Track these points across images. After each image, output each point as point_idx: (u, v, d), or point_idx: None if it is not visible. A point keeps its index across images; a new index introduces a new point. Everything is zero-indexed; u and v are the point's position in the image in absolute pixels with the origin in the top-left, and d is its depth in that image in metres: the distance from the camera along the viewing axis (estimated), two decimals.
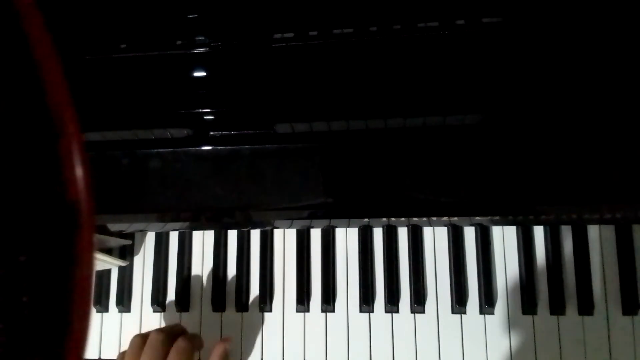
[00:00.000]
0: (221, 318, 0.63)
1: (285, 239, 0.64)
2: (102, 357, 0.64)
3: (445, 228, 0.61)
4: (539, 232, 0.60)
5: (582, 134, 0.46)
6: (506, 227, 0.60)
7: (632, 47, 0.43)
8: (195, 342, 0.58)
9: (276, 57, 0.48)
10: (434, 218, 0.57)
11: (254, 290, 0.63)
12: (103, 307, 0.65)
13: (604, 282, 0.58)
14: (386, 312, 0.60)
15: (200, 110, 0.49)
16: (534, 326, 0.58)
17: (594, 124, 0.46)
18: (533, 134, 0.47)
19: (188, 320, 0.63)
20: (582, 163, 0.46)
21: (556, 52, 0.45)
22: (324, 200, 0.50)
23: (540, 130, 0.47)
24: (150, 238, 0.67)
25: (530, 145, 0.47)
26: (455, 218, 0.57)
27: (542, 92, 0.46)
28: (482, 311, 0.59)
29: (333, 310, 0.61)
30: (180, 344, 0.54)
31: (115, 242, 0.64)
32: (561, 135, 0.47)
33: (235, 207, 0.52)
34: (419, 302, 0.59)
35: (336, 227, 0.63)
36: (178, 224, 0.63)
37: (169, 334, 0.55)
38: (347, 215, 0.55)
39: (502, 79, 0.46)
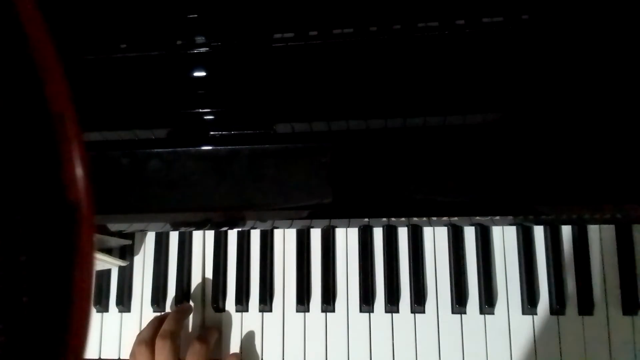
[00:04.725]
0: (221, 318, 0.63)
1: (285, 239, 0.64)
2: (102, 357, 0.64)
3: (445, 228, 0.61)
4: (539, 232, 0.60)
5: (581, 134, 0.46)
6: (506, 227, 0.60)
7: (631, 48, 0.43)
8: (208, 338, 0.58)
9: (276, 57, 0.48)
10: (434, 218, 0.57)
11: (254, 290, 0.63)
12: (103, 307, 0.65)
13: (604, 282, 0.58)
14: (386, 312, 0.60)
15: (200, 110, 0.49)
16: (534, 326, 0.58)
17: (593, 124, 0.46)
18: (533, 133, 0.47)
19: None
20: (582, 163, 0.46)
21: (554, 53, 0.45)
22: (324, 200, 0.50)
23: (540, 130, 0.47)
24: (150, 238, 0.67)
25: (530, 145, 0.47)
26: (455, 218, 0.57)
27: (541, 92, 0.46)
28: (482, 311, 0.59)
29: (333, 310, 0.61)
30: (196, 346, 0.55)
31: (115, 242, 0.63)
32: (561, 135, 0.47)
33: (235, 207, 0.52)
34: (419, 302, 0.59)
35: (336, 227, 0.63)
36: (178, 224, 0.63)
37: (174, 335, 0.56)
38: (347, 215, 0.55)
39: (502, 79, 0.46)
